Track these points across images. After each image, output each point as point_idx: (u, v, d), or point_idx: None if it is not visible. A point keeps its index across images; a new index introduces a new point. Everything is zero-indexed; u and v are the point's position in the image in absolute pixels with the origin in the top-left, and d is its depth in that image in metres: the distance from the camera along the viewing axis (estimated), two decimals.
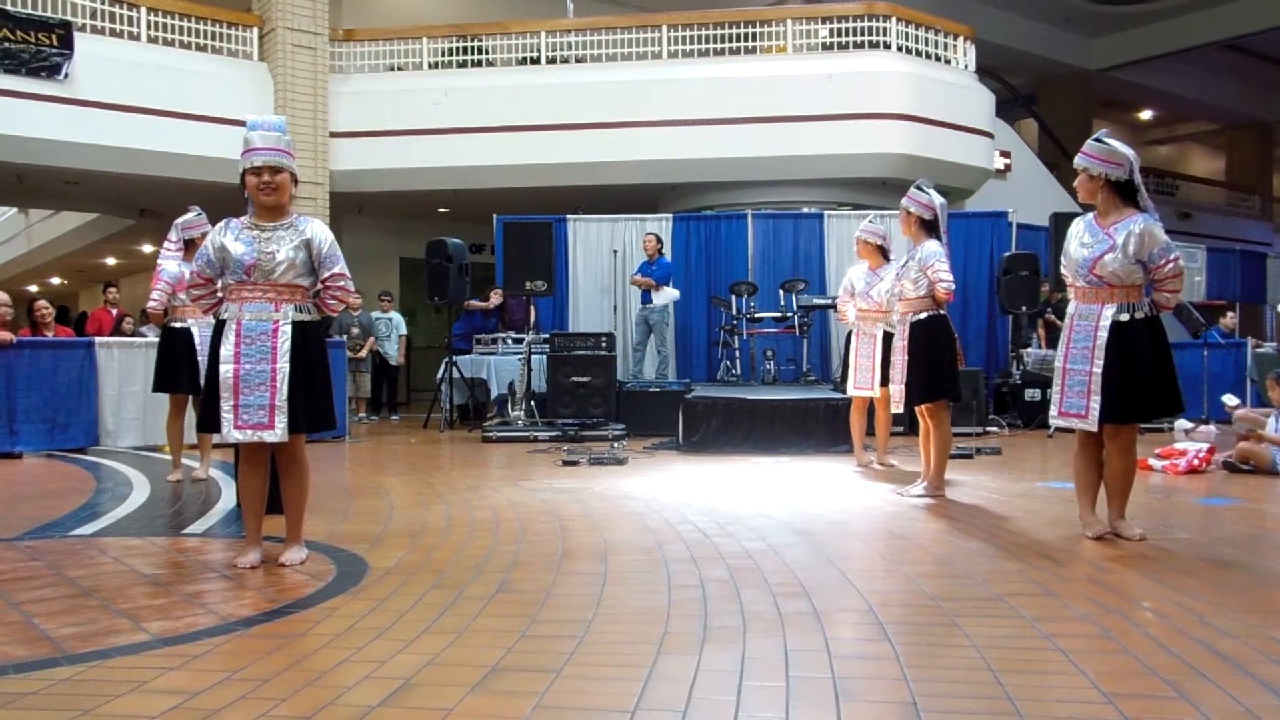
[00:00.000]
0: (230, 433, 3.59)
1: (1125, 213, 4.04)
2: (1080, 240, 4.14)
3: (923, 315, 5.37)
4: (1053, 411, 4.25)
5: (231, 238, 3.63)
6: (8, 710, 2.24)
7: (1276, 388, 6.58)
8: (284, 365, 3.60)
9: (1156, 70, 21.72)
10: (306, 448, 3.81)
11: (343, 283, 3.73)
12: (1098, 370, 4.02)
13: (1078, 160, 4.14)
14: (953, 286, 5.25)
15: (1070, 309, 4.22)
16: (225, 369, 3.59)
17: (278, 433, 3.60)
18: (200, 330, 5.92)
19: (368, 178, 12.89)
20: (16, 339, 7.92)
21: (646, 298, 10.64)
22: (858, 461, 6.79)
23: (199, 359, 5.90)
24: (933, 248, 5.31)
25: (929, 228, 5.40)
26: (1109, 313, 4.03)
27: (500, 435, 8.72)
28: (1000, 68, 18.58)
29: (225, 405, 3.58)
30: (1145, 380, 3.99)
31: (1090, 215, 4.18)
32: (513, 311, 11.38)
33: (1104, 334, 4.02)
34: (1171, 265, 3.99)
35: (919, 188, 5.48)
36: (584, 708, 2.24)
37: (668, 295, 10.62)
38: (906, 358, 5.39)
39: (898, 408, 5.61)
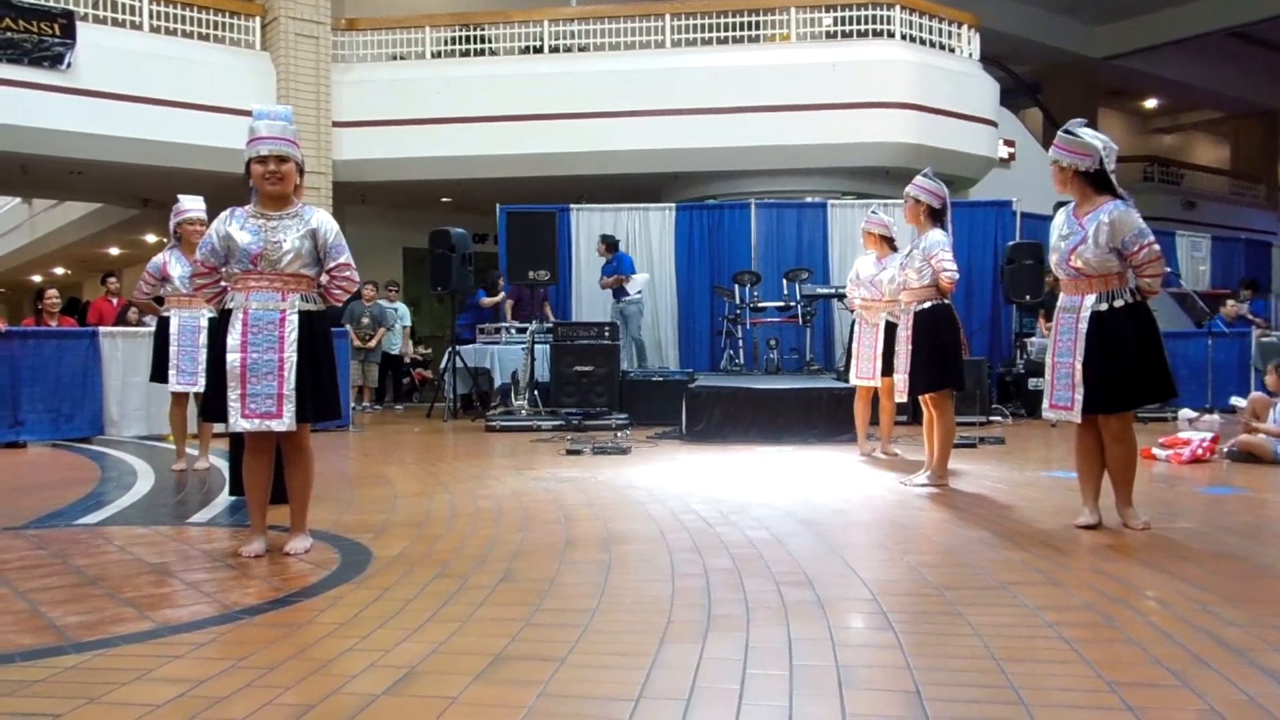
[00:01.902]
0: (238, 421, 3.60)
1: (1098, 202, 4.03)
2: (1060, 232, 4.14)
3: (927, 304, 5.36)
4: (1044, 405, 4.28)
5: (237, 226, 3.62)
6: (14, 698, 2.25)
7: (1275, 375, 6.59)
8: (291, 355, 3.61)
9: (1161, 58, 21.61)
10: (310, 437, 3.83)
11: (348, 273, 3.73)
12: (1078, 362, 4.02)
13: (1049, 152, 4.16)
14: (957, 276, 5.24)
15: (1059, 301, 4.23)
16: (232, 358, 3.59)
17: (285, 421, 3.61)
18: (180, 320, 5.92)
19: (370, 167, 12.88)
20: (21, 329, 7.94)
21: (619, 294, 10.65)
22: (861, 451, 6.80)
23: (170, 349, 5.92)
24: (937, 236, 5.30)
25: (935, 216, 5.38)
26: (1089, 303, 4.03)
27: (504, 425, 8.73)
28: (1004, 56, 18.50)
29: (232, 394, 3.59)
30: (1129, 368, 3.96)
31: (1070, 206, 4.17)
32: (525, 306, 11.34)
33: (1084, 325, 4.02)
34: (1146, 251, 3.96)
35: (926, 176, 5.47)
36: (588, 696, 2.24)
37: (639, 282, 10.64)
38: (910, 346, 5.39)
39: (901, 397, 5.62)
